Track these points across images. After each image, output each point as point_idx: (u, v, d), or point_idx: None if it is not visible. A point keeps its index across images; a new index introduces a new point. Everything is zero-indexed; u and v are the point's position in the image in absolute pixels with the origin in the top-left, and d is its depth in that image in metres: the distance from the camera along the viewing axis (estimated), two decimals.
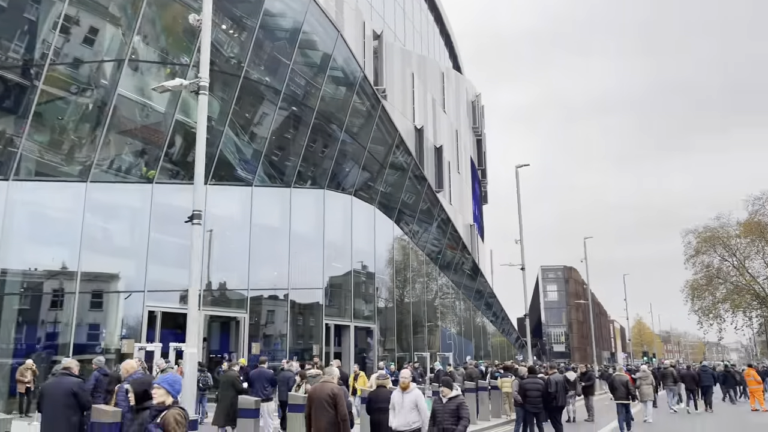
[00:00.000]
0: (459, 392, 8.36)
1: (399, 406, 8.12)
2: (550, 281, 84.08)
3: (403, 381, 8.28)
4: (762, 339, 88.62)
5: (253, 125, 23.58)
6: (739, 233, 56.69)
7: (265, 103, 23.34)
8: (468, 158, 56.06)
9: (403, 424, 8.03)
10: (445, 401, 8.10)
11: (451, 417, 7.95)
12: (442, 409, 8.05)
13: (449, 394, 8.11)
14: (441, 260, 39.37)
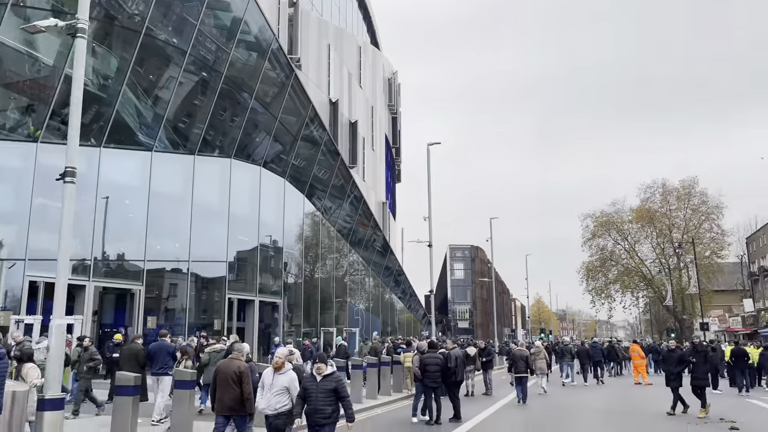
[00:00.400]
0: (335, 369, 7.53)
1: (268, 387, 7.39)
2: (457, 260, 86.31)
3: (277, 360, 7.49)
4: (646, 318, 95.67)
5: (156, 88, 22.19)
6: (632, 219, 60.54)
7: (169, 66, 21.99)
8: (383, 135, 55.99)
9: (268, 406, 7.33)
10: (319, 379, 7.21)
11: (326, 397, 7.07)
12: (316, 389, 7.15)
13: (324, 371, 7.22)
14: (352, 237, 39.24)
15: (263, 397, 7.40)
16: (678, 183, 59.62)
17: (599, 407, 15.19)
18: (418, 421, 12.37)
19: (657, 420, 12.73)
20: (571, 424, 12.26)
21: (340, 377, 7.29)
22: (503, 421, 12.73)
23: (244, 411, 7.91)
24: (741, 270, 71.65)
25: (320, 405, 7.06)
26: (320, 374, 7.22)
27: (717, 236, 57.70)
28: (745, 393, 18.93)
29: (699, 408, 13.42)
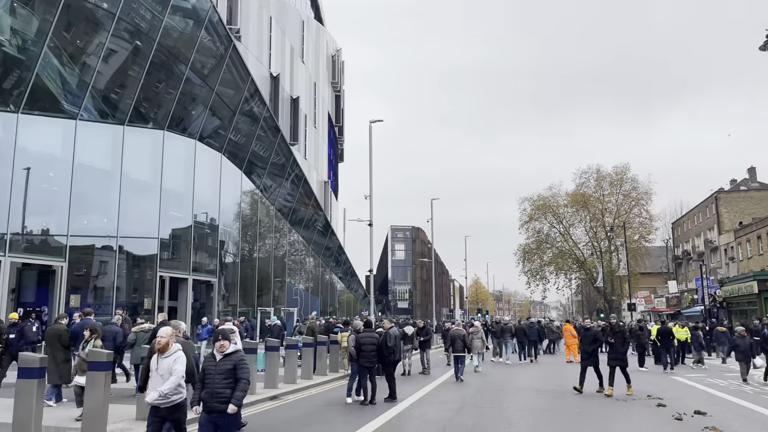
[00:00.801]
0: (239, 347, 6.78)
1: (154, 375, 6.34)
2: (398, 240, 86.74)
3: (160, 341, 6.38)
4: (578, 299, 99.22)
5: (84, 54, 20.80)
6: (567, 203, 62.25)
7: (98, 31, 20.64)
8: (326, 113, 55.14)
9: (157, 396, 6.23)
10: (219, 358, 6.37)
11: (225, 379, 6.24)
12: (214, 369, 6.30)
13: (227, 349, 6.38)
14: (292, 216, 38.56)
15: (151, 388, 6.33)
16: (611, 169, 61.61)
17: (533, 385, 15.40)
18: (352, 401, 12.16)
19: (588, 398, 12.98)
20: (507, 400, 12.33)
21: (242, 356, 6.51)
22: (438, 399, 12.69)
23: None
24: (666, 254, 75.06)
25: (218, 388, 6.21)
26: (222, 353, 6.38)
27: (645, 221, 60.12)
28: (669, 370, 19.71)
29: (626, 385, 13.59)
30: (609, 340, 13.87)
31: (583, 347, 14.38)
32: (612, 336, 13.86)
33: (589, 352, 13.95)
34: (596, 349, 14.11)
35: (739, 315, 34.10)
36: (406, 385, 15.08)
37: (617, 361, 13.59)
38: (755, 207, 57.42)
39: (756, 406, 11.62)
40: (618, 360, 13.61)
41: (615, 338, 13.77)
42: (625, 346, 13.96)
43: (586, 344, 14.17)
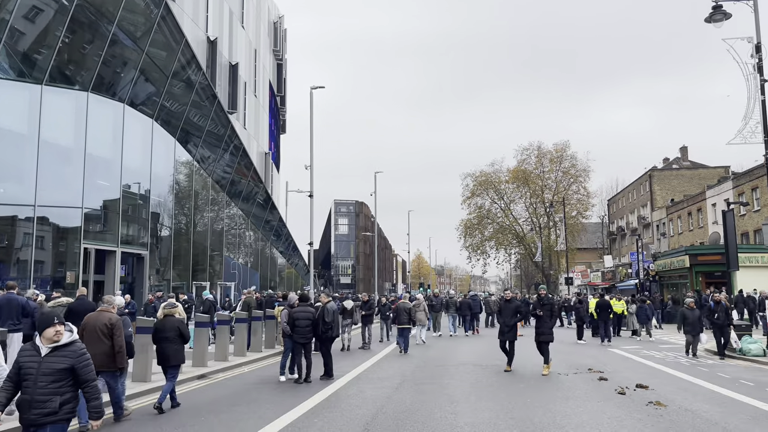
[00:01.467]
0: (75, 337, 4.87)
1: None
2: (342, 215, 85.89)
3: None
4: (517, 273, 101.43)
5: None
6: (508, 179, 63.03)
7: None
8: (267, 82, 53.31)
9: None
10: (44, 353, 4.67)
11: (54, 382, 4.60)
12: (37, 368, 4.62)
13: (62, 339, 4.71)
14: (231, 188, 37.13)
15: None
16: (552, 146, 62.64)
17: (474, 360, 15.13)
18: (286, 379, 11.50)
19: (531, 373, 12.73)
20: (448, 376, 11.94)
21: (82, 350, 4.80)
22: (377, 375, 12.18)
23: (114, 366, 7.65)
24: (602, 230, 77.43)
25: (39, 394, 4.56)
26: (51, 343, 4.69)
27: (583, 198, 61.66)
28: (607, 343, 19.93)
29: (542, 364, 12.60)
30: (537, 313, 12.81)
31: (503, 320, 13.22)
32: (540, 309, 12.82)
33: (510, 326, 12.95)
34: (516, 324, 13.12)
35: (671, 288, 35.22)
36: (344, 361, 14.54)
37: (545, 336, 12.67)
38: (686, 185, 59.65)
39: (694, 378, 11.64)
40: (546, 334, 12.66)
41: (543, 311, 12.75)
42: (553, 319, 12.97)
43: (506, 317, 13.07)
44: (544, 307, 12.82)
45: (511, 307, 13.15)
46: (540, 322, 12.80)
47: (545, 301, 13.00)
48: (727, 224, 19.31)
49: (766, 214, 36.82)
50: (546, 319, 12.73)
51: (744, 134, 15.63)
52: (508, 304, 13.36)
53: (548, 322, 12.74)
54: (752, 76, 15.69)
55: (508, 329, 12.97)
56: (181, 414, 8.49)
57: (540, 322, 12.80)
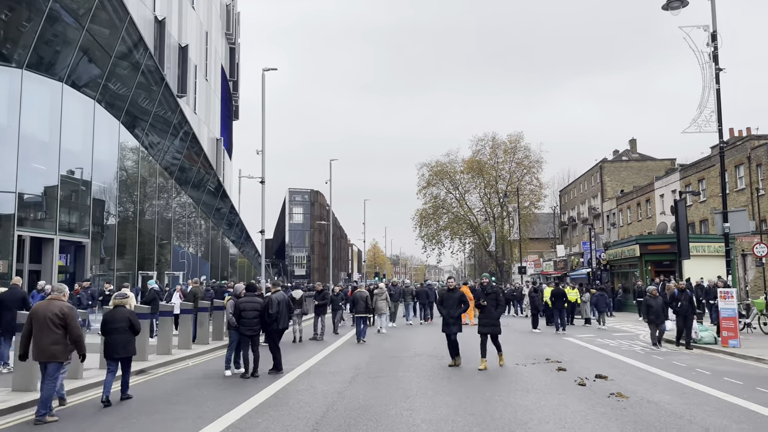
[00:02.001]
0: None
1: None
2: (296, 204, 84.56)
3: None
4: (471, 263, 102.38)
5: None
6: (463, 170, 63.26)
7: None
8: (218, 66, 51.70)
9: None
10: None
11: None
12: None
13: None
14: (180, 174, 35.76)
15: None
16: (506, 137, 63.12)
17: (431, 350, 14.71)
18: (231, 374, 10.82)
19: (488, 364, 12.38)
20: (403, 368, 11.48)
21: None
22: (330, 369, 11.62)
23: (64, 357, 7.55)
24: (553, 220, 78.72)
25: None
26: None
27: (536, 189, 62.44)
28: (562, 331, 19.91)
29: (497, 354, 11.83)
30: (481, 303, 11.77)
31: (446, 311, 11.91)
32: (484, 298, 11.81)
33: (455, 318, 11.78)
34: (461, 315, 12.00)
35: (621, 277, 35.82)
36: (295, 354, 13.94)
37: (489, 327, 11.63)
38: (635, 176, 61.03)
39: (651, 368, 11.51)
40: (490, 326, 11.63)
41: (487, 300, 11.73)
42: (499, 309, 11.85)
43: (450, 307, 11.85)
44: (489, 296, 11.85)
45: (454, 297, 12.01)
46: (484, 313, 11.80)
47: (489, 290, 11.99)
48: (679, 213, 19.50)
49: (712, 205, 37.82)
50: (491, 309, 11.73)
51: (699, 123, 15.65)
52: (451, 294, 12.11)
53: (493, 312, 11.73)
54: (707, 65, 15.70)
55: (453, 321, 11.83)
56: (111, 414, 7.74)
57: (484, 313, 11.80)
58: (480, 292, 12.21)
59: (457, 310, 11.88)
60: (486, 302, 11.74)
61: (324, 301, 18.28)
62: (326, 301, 18.50)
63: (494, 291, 12.08)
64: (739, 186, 34.64)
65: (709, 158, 39.09)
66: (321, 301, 18.11)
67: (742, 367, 12.00)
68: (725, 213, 15.85)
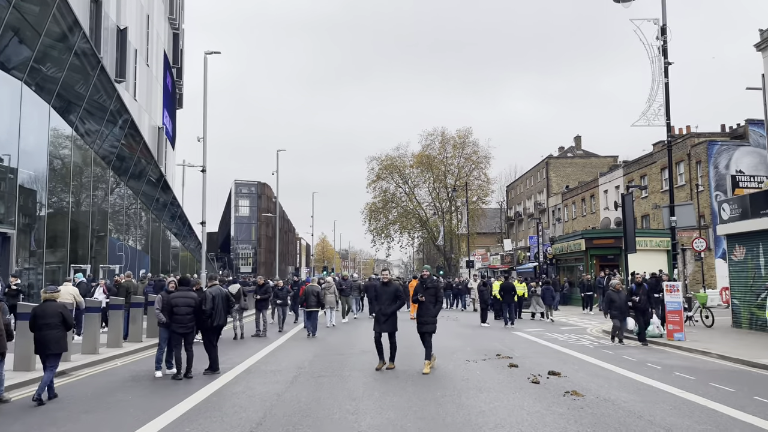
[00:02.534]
0: None
1: None
2: (242, 196, 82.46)
3: None
4: (419, 257, 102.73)
5: None
6: (413, 164, 63.19)
7: None
8: (161, 51, 49.66)
9: None
10: None
11: None
12: None
13: None
14: (119, 164, 34.00)
15: None
16: (455, 132, 63.35)
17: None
18: (162, 375, 9.97)
19: (439, 361, 11.92)
20: (349, 366, 10.89)
21: None
22: (271, 368, 10.91)
23: None
24: (500, 215, 79.67)
25: None
26: None
27: (483, 184, 62.94)
28: (510, 325, 19.72)
29: (425, 361, 10.36)
30: (419, 298, 10.49)
31: (379, 307, 10.63)
32: (422, 293, 10.53)
33: (388, 315, 10.48)
34: (396, 312, 10.68)
35: (567, 271, 36.26)
36: (235, 352, 13.14)
37: (425, 326, 10.45)
38: (579, 172, 62.26)
39: (603, 363, 11.26)
40: (427, 324, 10.44)
41: (426, 296, 10.48)
42: (438, 306, 10.63)
43: (384, 303, 10.54)
44: (428, 291, 10.56)
45: (389, 291, 10.64)
46: (422, 309, 10.58)
47: (429, 284, 10.69)
48: (626, 207, 19.56)
49: (654, 201, 38.74)
50: (429, 305, 10.49)
51: (648, 116, 15.63)
52: (386, 288, 10.71)
53: (432, 309, 10.49)
54: (657, 59, 15.69)
55: (386, 318, 10.47)
56: (13, 424, 6.83)
57: (422, 309, 10.58)
58: (419, 287, 10.80)
59: (391, 307, 10.51)
60: (424, 297, 10.50)
61: (266, 296, 17.44)
62: (268, 296, 17.66)
63: (434, 285, 10.82)
64: (679, 182, 35.54)
65: (651, 155, 40.02)
66: (263, 295, 17.28)
67: (690, 360, 11.94)
68: (672, 207, 15.92)
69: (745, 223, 17.00)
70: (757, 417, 6.89)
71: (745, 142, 32.88)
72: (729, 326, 18.27)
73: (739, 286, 17.76)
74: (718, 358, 12.14)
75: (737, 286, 17.90)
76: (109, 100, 30.81)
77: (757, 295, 16.97)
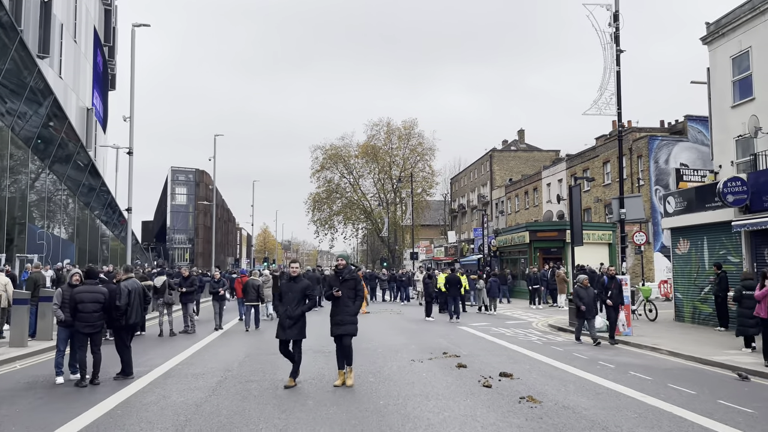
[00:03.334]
0: None
1: None
2: (180, 183, 79.30)
3: None
4: (363, 248, 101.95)
5: None
6: (358, 154, 62.25)
7: None
8: (91, 28, 46.70)
9: None
10: None
11: None
12: None
13: None
14: (41, 146, 31.52)
15: None
16: (401, 123, 62.85)
17: (316, 344, 13.14)
18: (64, 381, 8.66)
19: (383, 362, 11.07)
20: (283, 369, 9.81)
21: None
22: (194, 371, 9.76)
23: None
24: (444, 207, 79.77)
25: None
26: None
27: (428, 176, 62.73)
28: (456, 320, 19.06)
29: (339, 371, 8.68)
30: (334, 293, 8.54)
31: (284, 309, 8.44)
32: (338, 287, 8.59)
33: (295, 318, 8.37)
34: (304, 314, 8.53)
35: (511, 263, 36.16)
36: (157, 351, 11.89)
37: (344, 327, 8.56)
38: (523, 166, 62.79)
39: (555, 362, 10.62)
40: (343, 324, 8.56)
41: (343, 290, 8.56)
42: (358, 302, 8.73)
43: (290, 302, 8.41)
44: (345, 284, 8.65)
45: (297, 289, 8.53)
46: (337, 307, 8.63)
47: (346, 276, 8.73)
48: (573, 199, 19.22)
49: (596, 194, 39.13)
50: (348, 300, 8.60)
51: (599, 105, 15.19)
52: (292, 285, 8.57)
53: (350, 306, 8.62)
54: (609, 46, 15.25)
55: (292, 322, 8.38)
56: None
57: (337, 307, 8.63)
58: (334, 279, 8.80)
59: (298, 308, 8.43)
60: (340, 292, 8.59)
61: (192, 288, 16.02)
62: (194, 288, 16.24)
63: (352, 277, 8.78)
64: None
65: (593, 149, 40.42)
66: (188, 288, 15.89)
67: (641, 358, 11.48)
68: (622, 198, 15.55)
69: (690, 216, 16.89)
70: (728, 426, 6.31)
71: (684, 138, 33.47)
72: (672, 320, 18.21)
73: (683, 279, 17.67)
74: (669, 355, 11.75)
75: (681, 279, 17.82)
76: (29, 75, 28.40)
77: (700, 288, 16.91)
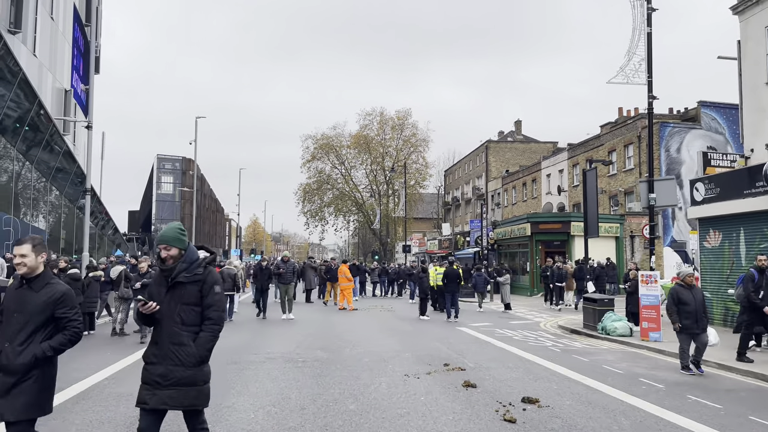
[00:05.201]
0: None
1: None
2: (166, 172, 76.75)
3: None
4: (355, 241, 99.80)
5: None
6: (350, 144, 60.28)
7: None
8: (70, 5, 44.11)
9: None
10: None
11: None
12: None
13: None
14: (10, 126, 29.16)
15: None
16: (394, 113, 61.08)
17: (292, 347, 11.11)
18: None
19: (365, 373, 8.97)
20: (241, 382, 7.79)
21: None
22: (117, 390, 7.59)
23: None
24: (438, 200, 77.75)
25: None
26: None
27: (421, 168, 61.00)
28: (454, 319, 16.87)
29: None
30: (147, 307, 4.82)
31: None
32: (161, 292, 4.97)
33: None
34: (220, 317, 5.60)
35: (509, 257, 34.16)
36: (93, 357, 9.75)
37: (163, 388, 3.95)
38: (519, 157, 60.76)
39: (586, 378, 8.42)
40: (167, 381, 3.73)
41: (168, 300, 4.88)
42: (207, 337, 4.81)
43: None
44: (176, 291, 5.30)
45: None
46: (161, 335, 4.85)
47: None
48: (588, 184, 17.16)
49: (600, 185, 37.09)
50: (182, 329, 4.95)
51: (626, 72, 13.06)
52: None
53: (187, 345, 4.91)
54: (639, 3, 13.12)
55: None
56: None
57: (161, 335, 4.85)
58: (158, 278, 5.15)
59: None
60: (160, 307, 4.73)
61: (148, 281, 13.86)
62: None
63: (201, 279, 4.21)
64: (627, 166, 33.95)
65: (598, 137, 38.33)
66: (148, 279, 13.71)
67: (681, 372, 9.37)
68: (651, 182, 13.39)
69: (723, 205, 14.77)
70: None
71: (698, 125, 31.47)
72: None
73: (713, 276, 15.54)
74: (717, 368, 9.72)
75: (710, 277, 15.69)
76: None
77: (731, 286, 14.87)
